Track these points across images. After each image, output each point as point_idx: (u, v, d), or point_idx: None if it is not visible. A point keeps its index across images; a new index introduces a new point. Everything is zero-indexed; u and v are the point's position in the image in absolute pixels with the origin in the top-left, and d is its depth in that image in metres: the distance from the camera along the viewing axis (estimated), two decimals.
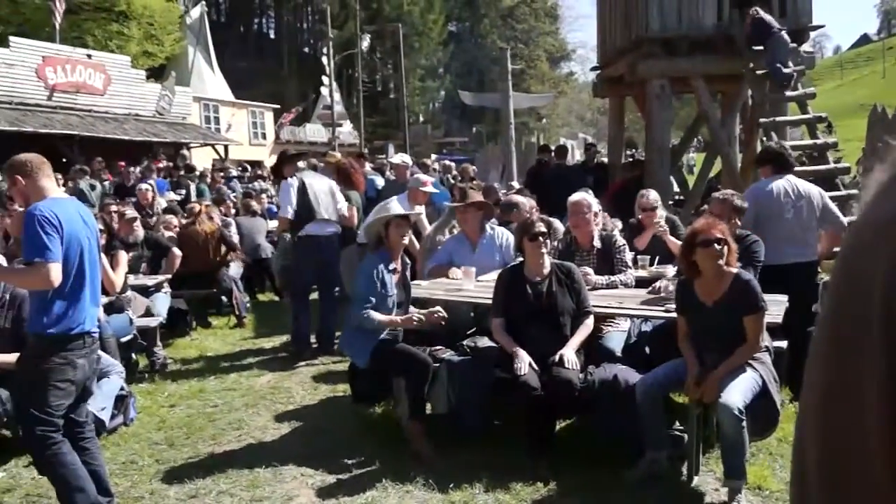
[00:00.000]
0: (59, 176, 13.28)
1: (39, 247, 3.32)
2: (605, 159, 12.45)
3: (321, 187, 6.99)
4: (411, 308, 4.98)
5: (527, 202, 6.39)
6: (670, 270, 5.34)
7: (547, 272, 4.55)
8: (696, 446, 4.04)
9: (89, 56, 23.52)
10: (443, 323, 4.76)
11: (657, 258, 5.88)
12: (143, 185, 9.09)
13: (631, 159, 12.40)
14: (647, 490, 3.88)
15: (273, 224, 10.17)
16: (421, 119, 49.91)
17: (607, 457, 4.20)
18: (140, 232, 7.56)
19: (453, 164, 13.71)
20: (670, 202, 10.44)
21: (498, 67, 19.78)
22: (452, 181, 12.71)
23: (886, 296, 0.49)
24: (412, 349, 4.62)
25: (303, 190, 6.85)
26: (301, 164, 8.20)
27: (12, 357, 3.97)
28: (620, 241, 5.39)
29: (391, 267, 4.83)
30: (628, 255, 5.40)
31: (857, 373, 0.51)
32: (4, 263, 3.98)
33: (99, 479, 3.73)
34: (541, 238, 4.51)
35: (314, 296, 7.27)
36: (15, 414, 3.62)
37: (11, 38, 21.89)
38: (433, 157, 23.95)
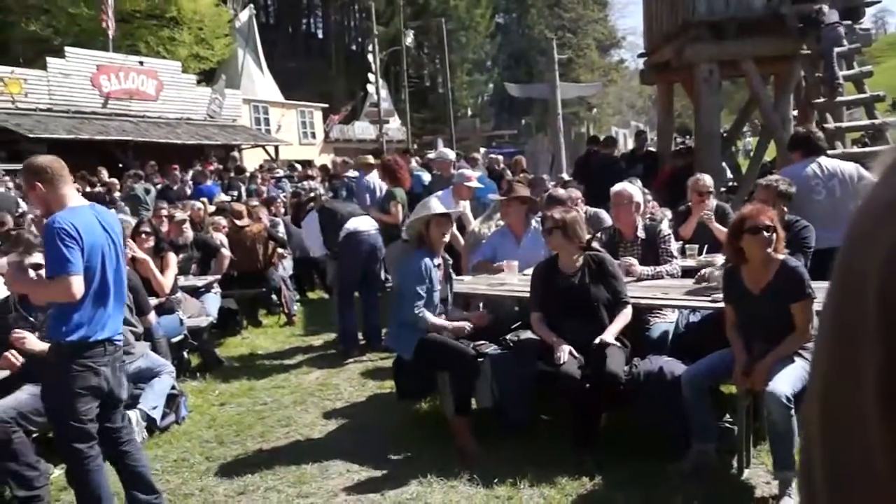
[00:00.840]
0: (116, 181, 13.70)
1: (61, 260, 3.32)
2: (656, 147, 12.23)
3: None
4: (450, 307, 4.98)
5: (569, 194, 6.30)
6: (719, 259, 5.21)
7: (579, 264, 4.50)
8: (745, 438, 3.94)
9: (141, 63, 24.15)
10: (487, 323, 4.76)
11: (706, 247, 5.76)
12: (197, 204, 9.24)
13: (681, 147, 12.18)
14: (695, 483, 3.79)
15: None
16: (469, 113, 49.83)
17: (654, 450, 4.12)
18: (189, 234, 7.70)
19: (501, 157, 13.62)
20: (722, 189, 10.22)
21: (546, 58, 19.60)
22: (501, 174, 12.66)
23: (882, 283, 0.49)
24: (456, 344, 4.61)
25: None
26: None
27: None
28: (665, 230, 5.28)
29: (436, 263, 4.84)
30: (674, 245, 5.29)
31: (856, 361, 0.51)
32: (34, 276, 4.00)
33: (142, 479, 3.80)
34: (557, 230, 4.46)
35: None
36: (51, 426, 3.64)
37: (67, 48, 22.59)
38: (482, 150, 23.88)
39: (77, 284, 3.35)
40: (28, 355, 4.12)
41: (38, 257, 4.13)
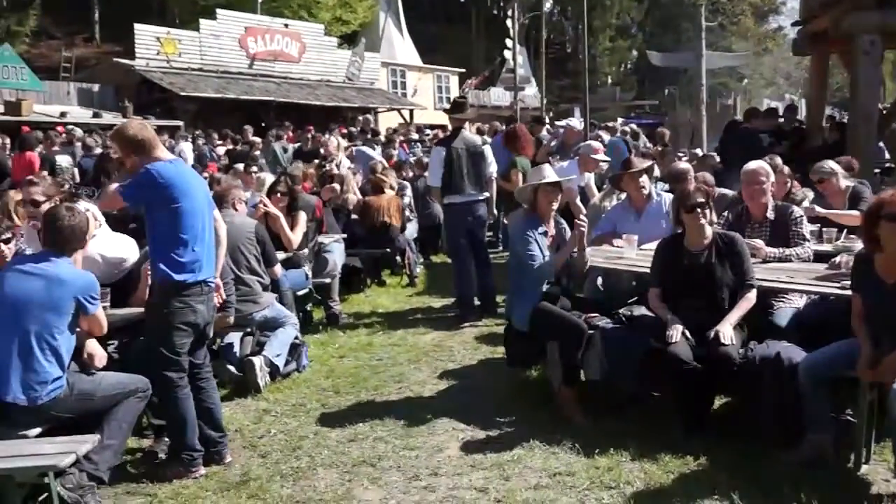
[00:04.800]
0: (258, 140, 14.39)
1: (127, 187, 3.85)
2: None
3: (466, 155, 7.09)
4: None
5: (688, 169, 6.09)
6: (858, 244, 4.90)
7: (707, 242, 4.36)
8: (865, 433, 3.74)
9: (286, 25, 25.10)
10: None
11: (844, 230, 5.45)
12: (332, 139, 9.58)
13: (830, 122, 11.44)
14: (806, 474, 3.65)
15: None
16: (609, 81, 48.52)
17: (764, 437, 4.00)
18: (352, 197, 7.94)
19: (629, 128, 13.29)
20: (877, 171, 9.55)
21: (693, 24, 18.80)
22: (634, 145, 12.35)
23: None
24: (566, 314, 4.61)
25: (449, 159, 7.00)
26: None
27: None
28: (798, 212, 5.02)
29: (542, 230, 4.83)
30: (806, 228, 5.02)
31: None
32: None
33: (213, 416, 4.14)
34: (698, 210, 4.32)
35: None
36: (147, 359, 4.00)
37: (219, 10, 23.75)
38: (619, 120, 23.30)
39: (115, 200, 3.96)
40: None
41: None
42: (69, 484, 3.41)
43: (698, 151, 10.82)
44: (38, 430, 3.58)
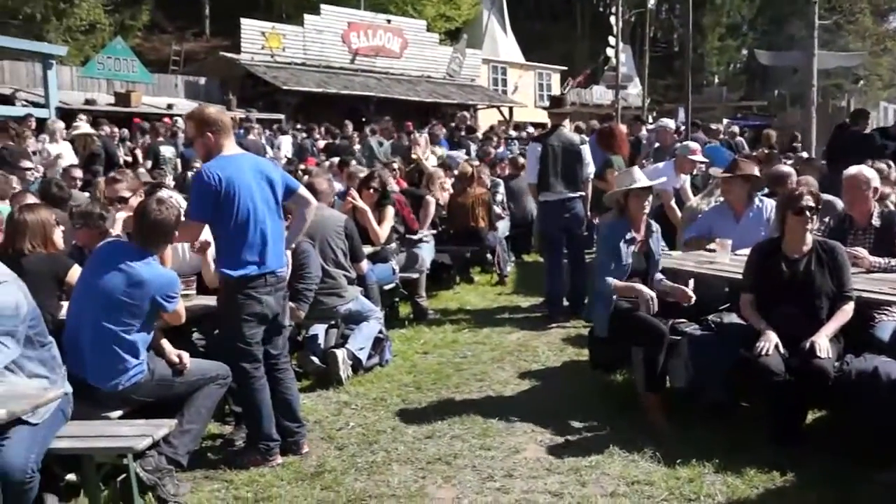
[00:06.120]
0: (356, 134, 14.64)
1: (189, 208, 3.94)
2: None
3: (562, 153, 6.97)
4: (658, 276, 4.82)
5: (790, 172, 5.80)
6: None
7: (807, 249, 4.16)
8: None
9: (389, 21, 25.43)
10: (687, 303, 4.58)
11: None
12: (422, 137, 9.65)
13: None
14: None
15: None
16: (717, 80, 46.96)
17: (858, 455, 3.78)
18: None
19: (736, 129, 12.82)
20: None
21: (804, 22, 17.99)
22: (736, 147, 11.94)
23: None
24: (649, 318, 4.47)
25: (544, 156, 6.89)
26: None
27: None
28: None
29: (629, 236, 4.70)
30: None
31: None
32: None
33: (290, 407, 4.19)
34: (807, 213, 4.12)
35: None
36: (223, 349, 4.10)
37: (323, 6, 24.32)
38: (725, 121, 22.53)
39: (194, 229, 3.94)
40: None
41: None
42: (148, 466, 3.53)
43: (804, 155, 10.31)
44: (119, 413, 3.72)
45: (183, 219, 3.91)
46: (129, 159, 12.14)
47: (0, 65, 19.10)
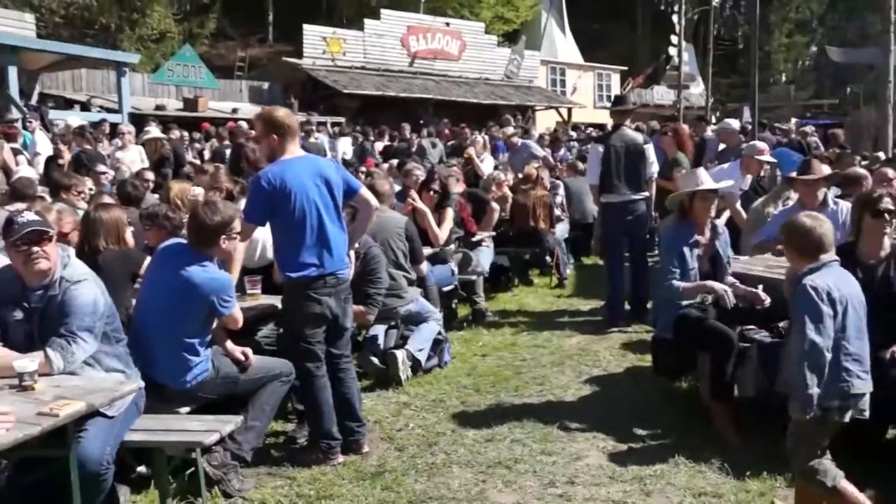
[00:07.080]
0: (414, 137, 14.71)
1: (245, 209, 4.02)
2: None
3: (625, 153, 6.83)
4: (731, 280, 4.69)
5: (866, 174, 5.56)
6: None
7: (885, 254, 3.98)
8: None
9: (447, 24, 25.56)
10: (761, 306, 4.45)
11: None
12: (479, 139, 9.61)
13: None
14: None
15: None
16: (784, 79, 45.72)
17: None
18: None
19: (808, 129, 12.42)
20: None
21: (881, 16, 17.31)
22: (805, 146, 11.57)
23: None
24: (716, 324, 4.36)
25: (606, 157, 6.78)
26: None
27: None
28: None
29: (693, 239, 4.57)
30: None
31: None
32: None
33: (351, 406, 4.21)
34: (887, 216, 3.94)
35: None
36: (286, 348, 4.17)
37: (383, 10, 24.61)
38: (793, 120, 21.90)
39: (246, 231, 4.00)
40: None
41: None
42: (214, 461, 3.61)
43: (881, 155, 9.92)
44: (188, 409, 3.79)
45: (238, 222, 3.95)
46: (198, 162, 12.39)
47: (78, 73, 19.78)
